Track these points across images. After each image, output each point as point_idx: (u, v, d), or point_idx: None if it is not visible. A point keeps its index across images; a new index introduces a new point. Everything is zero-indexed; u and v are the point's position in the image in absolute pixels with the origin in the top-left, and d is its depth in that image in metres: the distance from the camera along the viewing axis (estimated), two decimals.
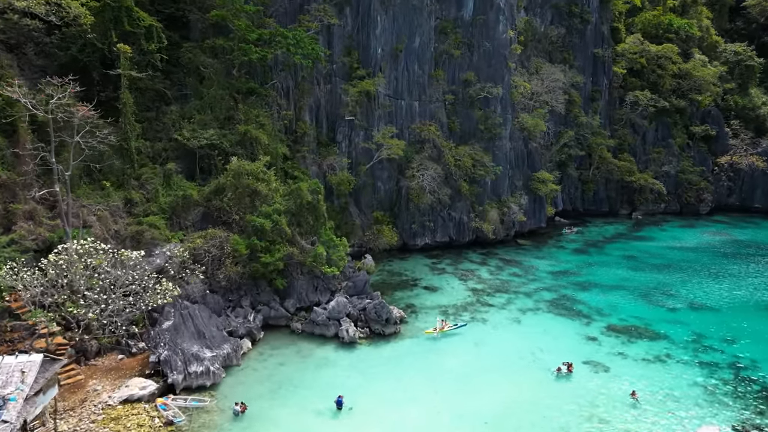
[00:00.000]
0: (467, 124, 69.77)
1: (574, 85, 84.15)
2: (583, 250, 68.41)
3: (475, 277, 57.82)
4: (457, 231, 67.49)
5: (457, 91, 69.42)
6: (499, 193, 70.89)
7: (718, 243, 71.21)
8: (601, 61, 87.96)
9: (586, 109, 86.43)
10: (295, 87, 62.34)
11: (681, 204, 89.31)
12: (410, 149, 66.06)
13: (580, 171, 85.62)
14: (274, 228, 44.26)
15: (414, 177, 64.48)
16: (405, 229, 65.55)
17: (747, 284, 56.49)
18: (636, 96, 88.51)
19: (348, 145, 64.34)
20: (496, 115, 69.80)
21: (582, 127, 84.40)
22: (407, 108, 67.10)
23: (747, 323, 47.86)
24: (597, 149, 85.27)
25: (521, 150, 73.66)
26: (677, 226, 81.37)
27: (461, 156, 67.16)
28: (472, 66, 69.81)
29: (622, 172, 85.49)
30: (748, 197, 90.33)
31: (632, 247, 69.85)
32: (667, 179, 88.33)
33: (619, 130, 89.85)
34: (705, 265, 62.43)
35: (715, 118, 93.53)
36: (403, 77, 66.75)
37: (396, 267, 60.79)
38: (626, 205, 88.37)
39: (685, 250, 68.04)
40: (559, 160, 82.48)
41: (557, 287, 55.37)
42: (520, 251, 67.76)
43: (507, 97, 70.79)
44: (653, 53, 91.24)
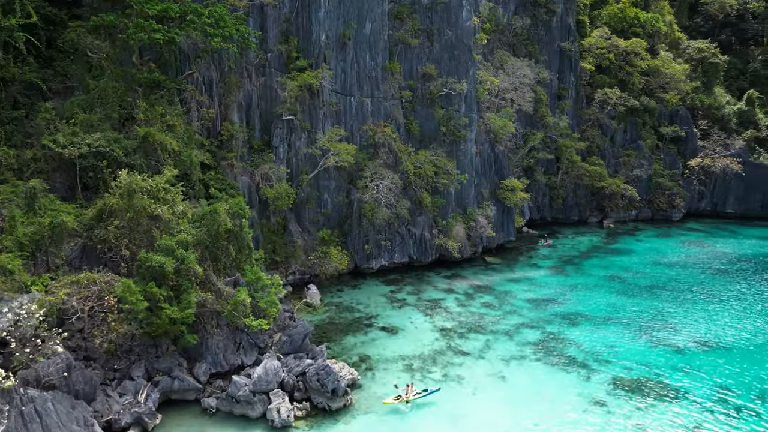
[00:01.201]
0: (428, 125, 57.86)
1: (540, 82, 73.55)
2: (559, 268, 57.54)
3: (443, 311, 45.94)
4: (419, 250, 55.55)
5: (416, 87, 57.37)
6: (464, 205, 59.33)
7: (702, 257, 61.67)
8: (568, 56, 77.65)
9: (552, 109, 76.02)
10: (220, 80, 48.99)
11: (653, 210, 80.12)
12: (362, 155, 53.68)
13: (548, 176, 75.15)
14: (179, 268, 31.12)
15: (367, 188, 52.16)
16: (357, 249, 53.12)
17: (752, 311, 46.58)
18: (605, 94, 78.74)
19: (287, 150, 51.37)
20: (460, 114, 58.16)
21: (549, 128, 73.95)
22: (358, 106, 54.63)
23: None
24: (566, 152, 74.98)
25: (488, 154, 62.31)
26: (652, 235, 71.85)
27: (422, 162, 55.20)
28: (432, 58, 57.89)
29: (593, 177, 75.54)
30: (720, 202, 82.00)
31: (612, 263, 59.49)
32: (638, 184, 78.97)
33: (588, 131, 79.89)
34: (697, 285, 52.47)
35: (684, 119, 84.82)
36: (353, 70, 54.21)
37: (347, 298, 48.29)
38: (596, 212, 78.54)
39: (671, 267, 58.10)
40: (526, 165, 71.69)
41: (540, 322, 44.09)
42: (490, 272, 56.36)
43: (472, 94, 59.24)
44: (622, 48, 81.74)
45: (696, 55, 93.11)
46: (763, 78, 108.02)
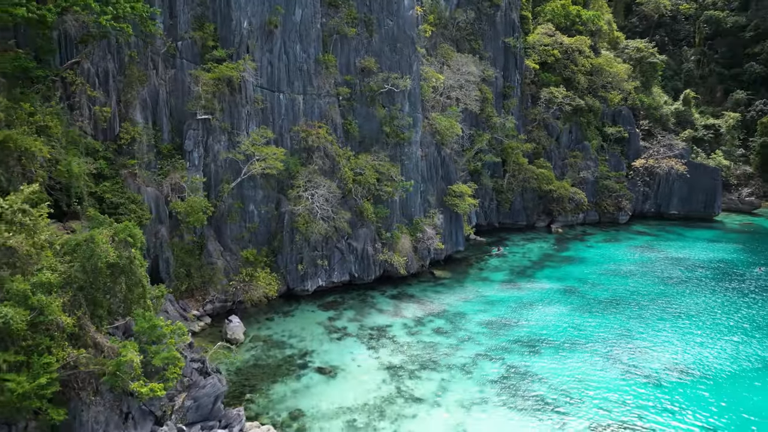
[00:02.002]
0: (368, 125, 50.39)
1: (485, 80, 67.54)
2: (511, 282, 51.46)
3: (390, 341, 38.65)
4: (361, 266, 48.04)
5: (354, 83, 49.74)
6: (410, 214, 52.29)
7: (657, 264, 57.24)
8: (513, 53, 72.06)
9: (498, 108, 70.22)
10: (120, 72, 39.77)
11: (600, 213, 75.86)
12: (294, 160, 45.63)
13: (495, 180, 69.31)
14: (35, 321, 22.30)
15: (300, 198, 44.18)
16: (290, 269, 45.04)
17: (724, 328, 41.87)
18: (551, 93, 73.70)
19: (203, 155, 42.67)
20: (404, 114, 51.02)
21: (496, 129, 68.09)
22: (288, 104, 46.50)
23: (758, 397, 32.65)
24: (512, 154, 69.40)
25: (434, 158, 55.52)
26: (602, 240, 67.32)
27: (362, 168, 47.71)
28: (372, 50, 50.43)
29: (540, 180, 70.33)
30: (664, 203, 78.81)
31: (567, 274, 54.02)
32: (585, 186, 74.49)
33: (534, 131, 74.68)
34: (661, 298, 47.60)
35: (626, 119, 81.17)
36: (281, 62, 46.01)
37: (277, 330, 40.15)
38: (544, 217, 73.44)
39: (628, 276, 53.19)
40: (473, 169, 65.50)
41: (499, 352, 37.55)
42: (440, 288, 49.58)
43: (416, 91, 52.22)
44: (566, 45, 77.03)
45: (635, 54, 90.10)
46: (696, 78, 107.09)
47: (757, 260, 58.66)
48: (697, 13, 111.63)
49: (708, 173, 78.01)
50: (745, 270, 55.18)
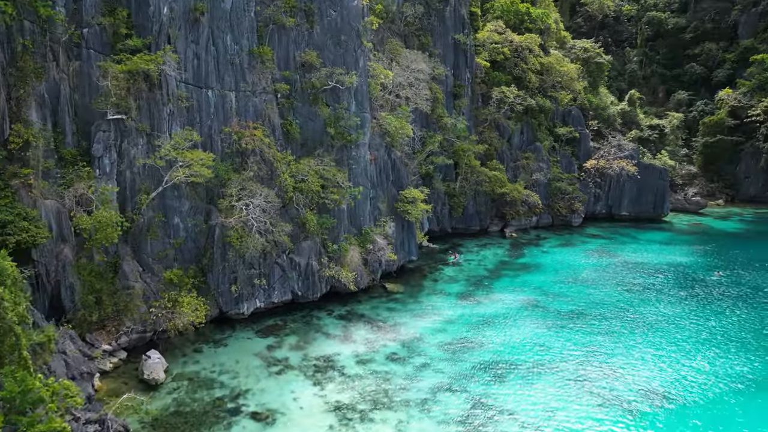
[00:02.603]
0: (311, 126, 44.84)
1: (436, 78, 63.16)
2: (469, 295, 47.11)
3: (337, 374, 33.33)
4: (305, 284, 42.50)
5: (294, 79, 44.07)
6: (359, 223, 47.10)
7: (616, 270, 54.32)
8: (463, 50, 68.02)
9: (449, 108, 66.00)
10: (10, 63, 32.77)
11: (553, 216, 72.98)
12: (225, 166, 39.59)
13: (447, 183, 65.04)
14: None
15: (233, 209, 38.22)
16: (222, 291, 39.00)
17: (698, 342, 38.82)
18: (502, 92, 70.13)
19: (116, 161, 36.10)
20: (351, 113, 45.77)
21: (447, 130, 63.80)
22: (218, 102, 40.39)
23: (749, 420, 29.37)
24: (464, 157, 65.25)
25: (384, 161, 50.56)
26: (557, 245, 64.21)
27: (305, 174, 42.14)
28: (314, 43, 44.87)
29: (493, 183, 66.59)
30: (615, 204, 76.84)
31: (525, 284, 50.22)
32: (537, 189, 71.39)
33: (485, 132, 70.92)
34: (626, 309, 44.38)
35: (577, 119, 78.77)
36: (209, 55, 39.85)
37: (206, 365, 34.07)
38: (497, 221, 69.82)
39: (589, 285, 49.87)
40: (425, 172, 60.96)
41: (461, 380, 32.96)
42: (393, 305, 44.63)
43: (364, 89, 47.07)
44: (516, 43, 73.72)
45: (582, 54, 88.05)
46: (639, 79, 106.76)
47: (712, 264, 56.74)
48: (639, 15, 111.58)
49: (657, 174, 76.55)
50: (704, 275, 52.99)
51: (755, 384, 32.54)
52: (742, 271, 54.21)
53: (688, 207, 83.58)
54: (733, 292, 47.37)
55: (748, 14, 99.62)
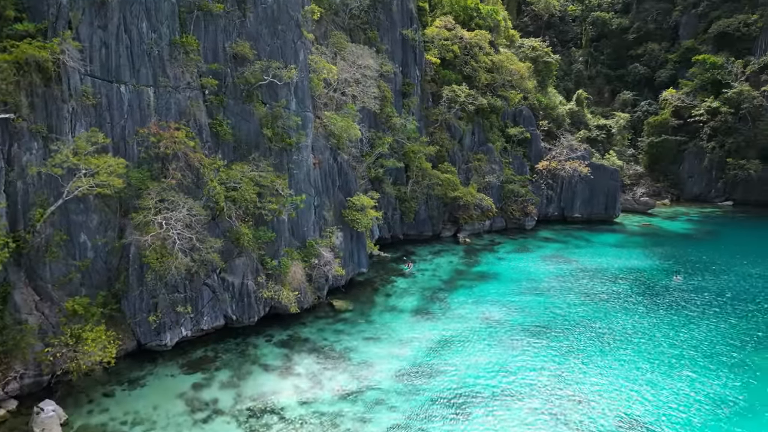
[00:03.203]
0: (245, 127, 39.22)
1: (384, 76, 58.61)
2: (424, 312, 42.71)
3: (276, 417, 28.07)
4: (240, 306, 36.95)
5: (224, 73, 38.36)
6: (302, 235, 41.85)
7: (571, 277, 51.36)
8: (412, 47, 63.78)
9: (398, 108, 61.62)
10: None
11: (506, 219, 69.88)
12: (141, 174, 33.55)
13: (397, 187, 60.59)
14: None
15: (151, 224, 32.26)
16: (140, 319, 32.98)
17: (668, 358, 35.85)
18: (453, 91, 66.37)
19: (5, 169, 29.55)
20: (291, 112, 40.47)
21: (396, 130, 59.37)
22: (133, 99, 34.26)
23: None
24: (415, 159, 60.96)
25: (330, 165, 45.48)
26: (512, 250, 60.92)
27: (238, 181, 36.55)
28: (247, 33, 39.27)
29: (445, 186, 62.71)
30: (568, 206, 74.60)
31: (482, 296, 46.33)
32: (490, 191, 68.09)
33: (436, 133, 66.96)
34: (585, 321, 41.28)
35: (528, 119, 76.09)
36: (121, 44, 33.68)
37: (117, 413, 28.04)
38: (450, 225, 66.01)
39: (549, 296, 46.48)
40: (374, 176, 56.27)
41: (420, 419, 28.43)
42: (341, 326, 39.64)
43: (305, 85, 41.84)
44: (466, 40, 70.19)
45: (530, 53, 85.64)
46: (585, 79, 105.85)
47: (669, 268, 54.71)
48: (583, 15, 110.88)
49: (608, 174, 74.77)
50: (663, 279, 50.73)
51: (739, 409, 29.56)
52: (700, 274, 52.33)
53: (637, 207, 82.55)
54: (698, 300, 45.02)
55: (688, 15, 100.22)
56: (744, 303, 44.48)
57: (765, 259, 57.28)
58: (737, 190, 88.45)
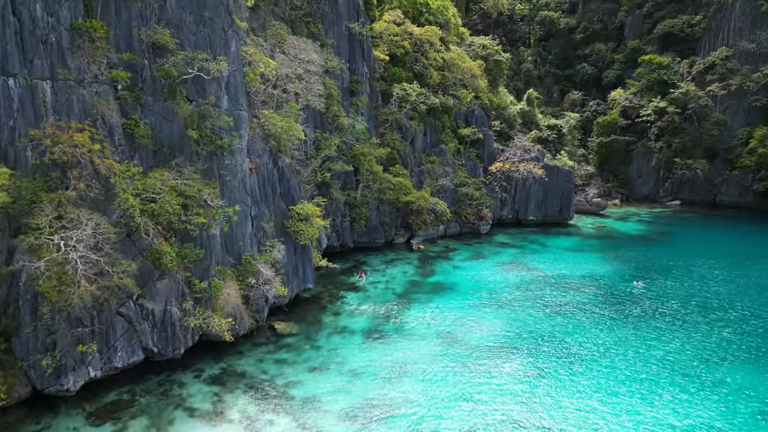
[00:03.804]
0: (167, 128, 33.57)
1: (330, 72, 53.86)
2: (377, 333, 38.20)
3: None
4: (162, 337, 31.38)
5: (140, 65, 32.60)
6: (238, 251, 36.53)
7: (531, 286, 48.24)
8: (359, 41, 59.21)
9: (346, 107, 56.95)
10: None
11: (461, 224, 66.40)
12: (33, 185, 27.51)
13: (347, 192, 55.93)
14: None
15: (45, 246, 26.33)
16: (35, 361, 26.98)
17: (646, 383, 32.80)
18: (404, 90, 62.29)
19: None
20: (221, 111, 35.07)
21: (344, 131, 54.72)
22: (24, 95, 28.19)
23: None
24: (365, 162, 56.54)
25: (269, 170, 40.27)
26: (467, 257, 57.33)
27: (157, 191, 30.97)
28: (168, 19, 33.62)
29: (398, 190, 58.56)
30: (522, 209, 71.94)
31: (439, 310, 42.34)
32: (444, 195, 64.47)
33: (387, 134, 62.68)
34: (552, 338, 37.94)
35: (480, 119, 72.99)
36: (8, 28, 27.58)
37: None
38: (403, 231, 61.88)
39: (506, 308, 43.00)
40: (321, 181, 51.40)
41: None
42: (284, 354, 34.58)
43: (238, 80, 36.52)
44: (416, 36, 66.25)
45: (481, 51, 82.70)
46: (535, 78, 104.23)
47: (628, 272, 52.45)
48: (531, 14, 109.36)
49: (562, 176, 72.57)
50: (625, 286, 48.22)
51: None
52: (661, 279, 50.21)
53: (590, 208, 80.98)
54: (665, 309, 42.50)
55: (633, 16, 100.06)
56: (712, 311, 42.28)
57: (720, 261, 56.02)
58: (684, 190, 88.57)
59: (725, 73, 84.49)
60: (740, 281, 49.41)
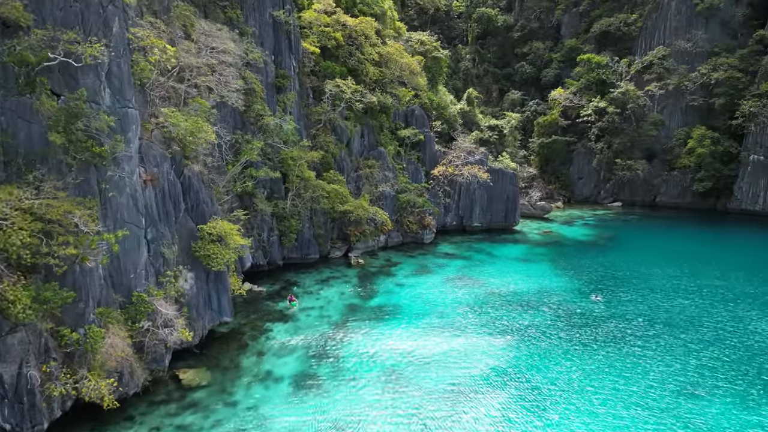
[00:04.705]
0: (21, 131, 25.05)
1: (251, 65, 46.38)
2: (311, 379, 31.28)
3: None
4: (17, 410, 23.06)
5: None
6: (128, 286, 28.51)
7: (484, 306, 42.87)
8: (286, 31, 51.94)
9: (272, 105, 49.58)
10: None
11: (403, 234, 60.38)
12: None
13: (274, 203, 48.52)
14: None
15: None
16: None
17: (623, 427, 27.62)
18: (338, 86, 55.52)
19: None
20: (101, 108, 26.95)
21: (270, 132, 47.32)
22: None
23: None
24: (295, 167, 49.44)
25: (171, 182, 32.33)
26: (411, 272, 51.32)
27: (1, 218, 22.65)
28: None
29: (333, 198, 51.78)
30: (467, 215, 66.90)
31: (383, 342, 36.02)
32: (384, 203, 58.29)
33: (320, 136, 55.67)
34: (518, 379, 32.33)
35: (420, 119, 67.43)
36: None
37: None
38: (340, 244, 55.07)
39: (460, 335, 37.36)
40: (242, 191, 43.79)
41: None
42: (188, 415, 27.00)
43: (124, 69, 28.42)
44: (350, 27, 59.61)
45: (419, 48, 77.20)
46: (473, 77, 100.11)
47: (584, 285, 48.19)
48: (468, 11, 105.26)
49: (507, 179, 68.13)
50: (584, 302, 43.67)
51: None
52: (619, 292, 46.14)
53: (535, 212, 77.23)
54: (632, 330, 37.97)
55: (569, 14, 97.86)
56: (682, 330, 38.19)
57: (675, 268, 52.96)
58: (624, 191, 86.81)
59: (662, 72, 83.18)
60: (703, 292, 46.06)
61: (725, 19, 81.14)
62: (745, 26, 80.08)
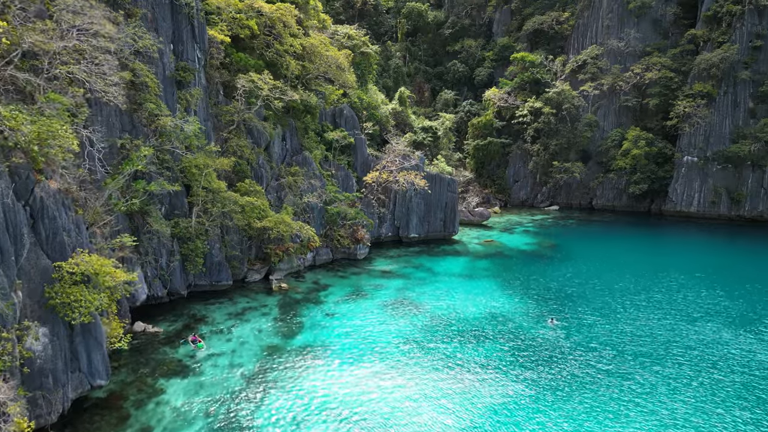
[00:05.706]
0: None
1: (140, 53, 37.48)
2: None
3: None
4: None
5: None
6: None
7: (425, 338, 36.62)
8: (188, 15, 43.26)
9: (170, 103, 40.81)
10: None
11: (333, 249, 53.07)
12: None
13: (174, 221, 39.77)
14: None
15: None
16: None
17: None
18: (252, 82, 47.40)
19: None
20: None
21: (167, 136, 38.59)
22: None
23: None
24: (200, 177, 40.96)
25: (10, 207, 23.29)
26: (343, 296, 44.17)
27: None
28: None
29: (249, 213, 43.65)
30: (403, 226, 60.65)
31: (309, 399, 28.79)
32: (311, 215, 50.80)
33: (233, 140, 47.30)
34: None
35: (350, 120, 60.53)
36: None
37: None
38: (258, 266, 46.96)
39: (404, 385, 30.70)
40: (128, 210, 34.85)
41: None
42: None
43: None
44: (267, 14, 51.53)
45: (346, 42, 70.20)
46: (404, 76, 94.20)
47: (535, 305, 43.01)
48: (398, 6, 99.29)
49: (445, 186, 62.50)
50: (540, 329, 38.25)
51: None
52: (575, 313, 41.20)
53: (473, 219, 72.26)
54: (603, 365, 32.68)
55: (501, 12, 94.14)
56: (656, 361, 33.38)
57: (628, 281, 49.22)
58: (561, 194, 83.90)
59: (596, 72, 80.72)
60: (666, 309, 41.99)
61: (656, 18, 79.79)
62: (676, 25, 79.04)
